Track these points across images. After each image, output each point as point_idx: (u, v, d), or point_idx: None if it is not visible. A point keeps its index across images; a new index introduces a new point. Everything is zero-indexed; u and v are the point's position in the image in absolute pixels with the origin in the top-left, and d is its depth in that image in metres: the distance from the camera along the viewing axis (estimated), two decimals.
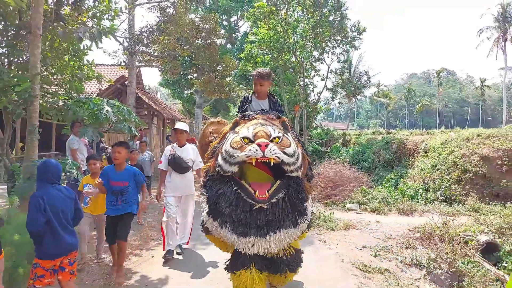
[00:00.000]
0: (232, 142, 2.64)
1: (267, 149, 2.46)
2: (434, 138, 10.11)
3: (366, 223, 6.77)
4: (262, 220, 2.58)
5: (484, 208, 7.11)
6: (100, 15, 6.58)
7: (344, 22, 12.63)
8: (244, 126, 2.83)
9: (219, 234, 2.80)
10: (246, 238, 2.63)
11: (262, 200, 2.49)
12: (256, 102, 3.40)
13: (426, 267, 4.68)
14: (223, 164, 2.63)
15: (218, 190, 2.68)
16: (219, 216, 2.72)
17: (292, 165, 2.59)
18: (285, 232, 2.65)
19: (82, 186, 4.29)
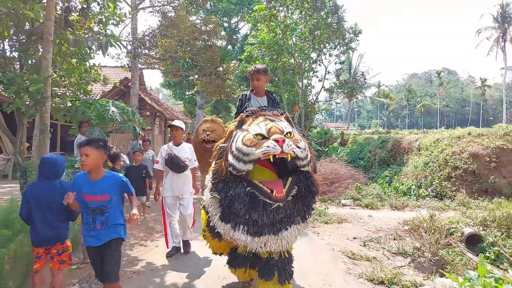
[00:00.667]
0: (245, 140, 2.57)
1: (285, 144, 2.43)
2: (427, 137, 10.45)
3: (359, 217, 7.11)
4: (276, 218, 2.58)
5: (472, 203, 7.44)
6: (106, 21, 6.97)
7: (341, 25, 12.97)
8: (252, 123, 2.77)
9: (232, 237, 2.72)
10: (260, 238, 2.60)
11: (280, 199, 2.47)
12: (255, 99, 3.36)
13: (411, 255, 5.03)
14: (235, 163, 2.55)
15: (231, 192, 2.60)
16: (232, 219, 2.65)
17: (304, 160, 2.59)
18: (295, 227, 2.66)
19: None
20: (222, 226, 2.73)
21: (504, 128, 9.03)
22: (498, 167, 8.17)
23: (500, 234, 6.15)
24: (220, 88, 15.64)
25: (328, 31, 12.73)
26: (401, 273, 4.27)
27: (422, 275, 4.53)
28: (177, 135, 4.70)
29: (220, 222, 2.73)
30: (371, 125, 75.48)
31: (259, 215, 2.54)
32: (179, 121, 4.89)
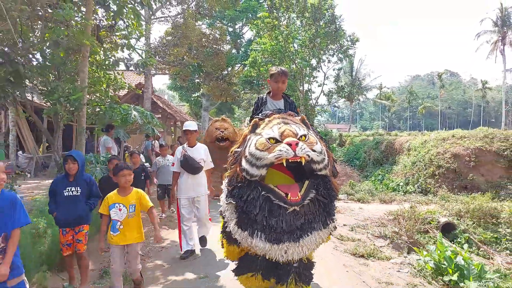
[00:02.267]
0: (258, 144, 2.52)
1: (298, 148, 2.35)
2: (416, 139, 11.39)
3: (351, 209, 8.07)
4: (295, 224, 2.46)
5: (451, 197, 8.38)
6: (129, 35, 7.98)
7: (339, 34, 13.94)
8: (266, 126, 2.71)
9: (250, 244, 2.59)
10: (279, 245, 2.47)
11: (295, 202, 2.40)
12: (272, 102, 3.30)
13: (390, 238, 5.97)
14: (249, 168, 2.50)
15: (246, 197, 2.53)
16: (249, 225, 2.56)
17: (321, 163, 2.49)
18: (316, 234, 2.52)
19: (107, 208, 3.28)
20: (239, 233, 2.64)
21: (484, 131, 9.94)
22: (476, 166, 9.10)
23: (471, 223, 7.11)
24: (226, 92, 16.60)
25: (326, 40, 13.70)
26: (378, 250, 5.24)
27: (397, 252, 5.48)
28: (192, 138, 4.70)
29: (237, 228, 2.65)
30: (373, 127, 76.14)
31: (277, 221, 2.43)
32: (191, 123, 4.88)
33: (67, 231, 3.48)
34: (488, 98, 76.68)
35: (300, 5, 14.16)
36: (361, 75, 38.07)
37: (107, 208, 3.25)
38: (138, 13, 7.06)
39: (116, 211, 3.22)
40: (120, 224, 3.22)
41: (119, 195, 3.29)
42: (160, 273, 4.18)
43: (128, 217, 3.24)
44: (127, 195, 3.29)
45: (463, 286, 4.08)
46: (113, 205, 3.24)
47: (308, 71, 15.13)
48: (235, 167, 2.68)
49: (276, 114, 2.86)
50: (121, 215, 3.23)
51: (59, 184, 3.52)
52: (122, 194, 3.30)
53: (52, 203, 3.51)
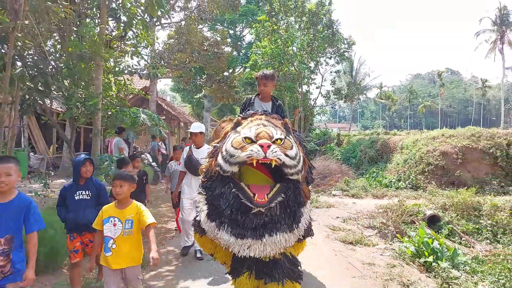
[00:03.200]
0: (233, 142, 2.61)
1: (269, 150, 2.42)
2: (409, 138, 11.97)
3: (345, 204, 8.67)
4: (259, 223, 2.55)
5: (439, 192, 8.96)
6: (138, 44, 8.62)
7: (336, 37, 14.55)
8: (246, 126, 2.79)
9: (216, 236, 2.72)
10: (242, 240, 2.58)
11: (261, 204, 2.47)
12: (259, 104, 3.41)
13: (378, 228, 6.57)
14: (223, 163, 2.58)
15: (217, 191, 2.64)
16: (217, 218, 2.68)
17: (293, 168, 2.54)
18: (280, 235, 2.60)
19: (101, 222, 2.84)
20: (208, 223, 2.75)
21: (472, 130, 10.51)
22: (463, 163, 9.68)
23: (455, 215, 7.69)
24: (227, 94, 17.22)
25: (324, 43, 14.31)
26: (366, 238, 5.85)
27: (383, 241, 6.08)
28: (197, 139, 4.68)
29: (206, 219, 2.77)
30: (374, 126, 76.60)
31: (242, 217, 2.54)
32: (197, 125, 4.86)
33: (75, 237, 3.33)
34: (489, 96, 76.96)
35: (298, 10, 14.77)
36: (361, 75, 38.67)
37: (101, 221, 2.80)
38: (147, 25, 7.68)
39: (110, 226, 2.76)
40: (113, 242, 2.74)
41: (116, 207, 2.85)
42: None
43: (123, 234, 2.75)
44: (124, 208, 2.83)
45: (436, 266, 4.68)
46: (108, 219, 2.78)
47: (306, 74, 15.73)
48: (212, 161, 2.80)
49: (260, 115, 2.95)
50: (115, 232, 2.75)
51: (70, 188, 3.39)
52: (119, 206, 2.85)
53: (62, 208, 3.38)
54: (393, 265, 4.60)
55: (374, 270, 4.47)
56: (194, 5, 14.47)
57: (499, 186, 9.35)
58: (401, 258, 4.97)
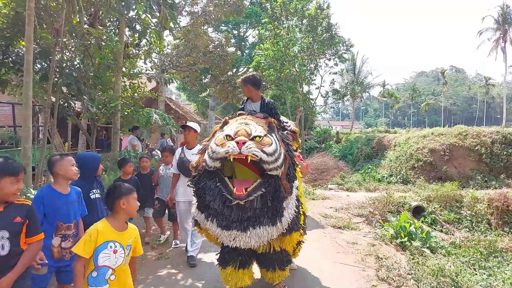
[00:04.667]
0: (217, 140, 2.79)
1: (244, 146, 2.56)
2: (402, 136, 12.76)
3: (339, 196, 9.49)
4: (242, 216, 2.70)
5: (426, 186, 9.76)
6: (151, 51, 9.50)
7: (334, 40, 15.33)
8: (230, 125, 2.97)
9: (205, 226, 2.93)
10: (228, 232, 2.74)
11: (238, 197, 2.61)
12: (250, 104, 3.62)
13: (366, 216, 7.39)
14: (207, 159, 2.77)
15: (203, 185, 2.81)
16: (205, 210, 2.86)
17: (271, 164, 2.64)
18: (263, 229, 2.74)
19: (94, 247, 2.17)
20: (199, 215, 2.95)
21: (459, 128, 11.29)
22: (450, 159, 10.47)
23: (438, 206, 8.49)
24: (231, 94, 18.06)
25: (323, 46, 15.10)
26: (353, 223, 6.68)
27: (369, 227, 6.90)
28: (189, 136, 4.48)
29: (196, 211, 2.98)
30: (377, 124, 76.97)
31: (227, 210, 2.71)
32: (193, 123, 4.71)
33: None
34: (494, 94, 77.00)
35: (298, 14, 15.57)
36: (364, 74, 39.30)
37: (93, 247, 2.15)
38: (160, 34, 8.54)
39: (109, 253, 2.19)
40: (112, 273, 2.20)
41: (114, 229, 2.25)
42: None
43: (125, 264, 2.28)
44: (125, 231, 2.31)
45: (409, 245, 5.49)
46: (106, 244, 2.18)
47: (307, 75, 16.53)
48: (201, 157, 2.98)
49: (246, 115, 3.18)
50: (115, 260, 2.21)
51: (84, 187, 3.10)
52: (119, 228, 2.28)
53: None
54: (373, 244, 5.43)
55: (356, 248, 5.30)
56: (200, 10, 15.26)
57: (483, 181, 10.13)
58: (381, 239, 5.80)
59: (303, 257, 3.73)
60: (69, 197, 2.69)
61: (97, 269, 2.16)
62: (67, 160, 2.69)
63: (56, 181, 2.68)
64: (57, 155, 2.82)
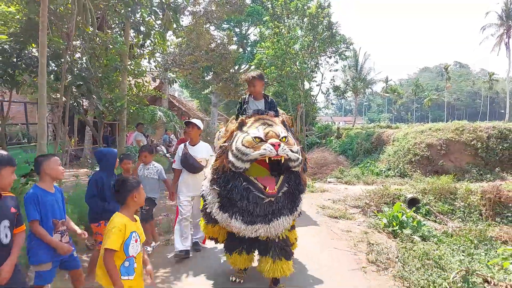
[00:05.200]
0: (244, 141, 2.90)
1: (280, 148, 2.75)
2: (400, 131, 13.03)
3: (337, 189, 9.82)
4: (268, 210, 2.95)
5: (422, 179, 10.05)
6: (154, 51, 9.85)
7: (335, 39, 15.60)
8: (251, 126, 3.09)
9: (228, 224, 3.08)
10: (253, 226, 2.98)
11: (272, 194, 2.85)
12: (253, 102, 3.68)
13: (362, 207, 7.72)
14: (235, 161, 2.88)
15: (230, 186, 2.93)
16: (230, 209, 3.01)
17: (296, 161, 2.91)
18: (283, 218, 3.03)
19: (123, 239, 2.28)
20: (220, 215, 3.11)
21: (456, 124, 11.55)
22: (447, 154, 10.75)
23: (433, 198, 8.79)
24: (234, 91, 18.39)
25: (323, 44, 15.37)
26: (349, 214, 7.01)
27: (364, 217, 7.23)
28: (193, 132, 4.51)
29: (218, 211, 3.12)
30: (380, 119, 76.92)
31: (254, 207, 2.90)
32: (197, 120, 4.72)
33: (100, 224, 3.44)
34: (498, 89, 76.65)
35: (299, 13, 15.83)
36: (366, 70, 39.40)
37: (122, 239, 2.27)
38: (164, 35, 8.87)
39: (133, 243, 2.33)
40: (135, 261, 2.35)
41: (131, 220, 2.39)
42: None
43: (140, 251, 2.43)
44: (136, 221, 2.47)
45: (400, 233, 5.82)
46: (131, 235, 2.31)
47: (308, 72, 16.82)
48: (222, 159, 3.07)
49: (259, 115, 3.32)
50: (137, 249, 2.38)
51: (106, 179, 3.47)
52: (133, 219, 2.44)
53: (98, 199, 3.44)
54: (366, 232, 5.78)
55: (350, 235, 5.65)
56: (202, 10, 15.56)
57: (478, 174, 10.41)
58: (374, 227, 6.13)
59: (300, 243, 4.05)
60: (55, 196, 2.74)
61: (128, 259, 2.30)
62: (53, 160, 2.71)
63: (43, 180, 2.70)
64: (44, 155, 2.85)
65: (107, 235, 2.25)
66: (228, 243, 3.56)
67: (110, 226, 2.28)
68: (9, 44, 5.54)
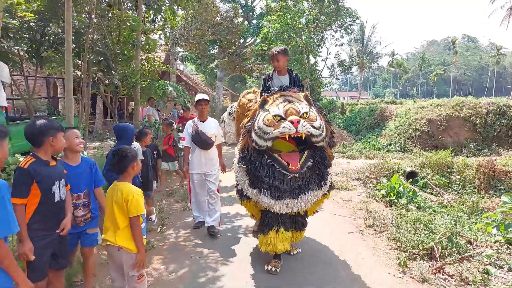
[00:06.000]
0: (265, 120, 2.90)
1: (299, 125, 2.73)
2: (402, 107, 13.37)
3: (340, 163, 10.31)
4: (293, 185, 2.99)
5: (422, 154, 10.52)
6: (164, 26, 10.08)
7: (341, 13, 15.60)
8: (273, 103, 3.07)
9: (258, 200, 3.17)
10: (281, 201, 3.03)
11: (295, 171, 2.86)
12: (277, 78, 3.64)
13: (363, 180, 8.23)
14: (257, 139, 2.92)
15: (256, 163, 3.01)
16: (258, 185, 3.09)
17: (319, 137, 2.87)
18: (312, 193, 3.06)
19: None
20: (250, 191, 3.23)
21: (457, 100, 11.85)
22: (446, 129, 11.14)
23: (430, 171, 9.28)
24: (239, 65, 18.58)
25: (329, 19, 15.40)
26: (351, 185, 7.54)
27: (365, 188, 7.76)
28: (206, 109, 4.58)
29: (249, 187, 3.24)
30: (385, 94, 76.45)
31: (280, 183, 2.95)
32: (203, 95, 4.75)
33: None
34: (506, 64, 75.42)
35: None
36: (372, 43, 38.93)
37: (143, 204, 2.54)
38: (174, 11, 9.08)
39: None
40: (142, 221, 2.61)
41: None
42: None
43: None
44: None
45: (397, 202, 6.35)
46: None
47: (313, 47, 16.92)
48: (246, 138, 3.16)
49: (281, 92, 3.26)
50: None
51: None
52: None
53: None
54: (365, 201, 6.31)
55: (351, 204, 6.20)
56: None
57: (475, 149, 10.84)
58: (373, 197, 6.67)
59: None
60: (77, 169, 2.81)
61: (144, 221, 2.58)
62: (72, 133, 2.80)
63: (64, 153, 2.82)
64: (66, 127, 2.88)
65: (131, 203, 2.41)
66: (263, 221, 3.56)
67: (130, 196, 2.43)
68: (34, 22, 5.87)
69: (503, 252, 4.10)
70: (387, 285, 3.44)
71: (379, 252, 4.24)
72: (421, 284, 3.44)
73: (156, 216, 3.01)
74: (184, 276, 3.57)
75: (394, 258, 4.02)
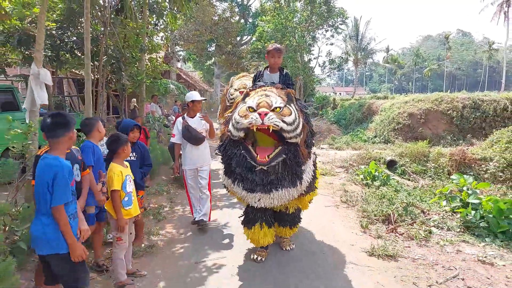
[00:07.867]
0: (240, 111, 2.98)
1: (266, 118, 2.75)
2: (387, 102, 14.34)
3: (328, 154, 11.29)
4: (265, 179, 2.97)
5: (402, 145, 11.50)
6: (166, 28, 10.97)
7: (331, 13, 16.53)
8: (252, 97, 3.08)
9: (232, 189, 3.26)
10: (253, 194, 3.05)
11: (262, 163, 2.85)
12: (268, 75, 3.66)
13: (346, 167, 9.20)
14: (232, 129, 2.99)
15: (230, 153, 3.07)
16: (232, 175, 3.15)
17: (290, 133, 2.85)
18: (285, 190, 3.04)
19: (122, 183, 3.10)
20: (226, 180, 3.31)
21: (436, 95, 12.83)
22: (426, 122, 12.12)
23: (409, 160, 10.25)
24: (236, 63, 19.49)
25: (320, 19, 16.33)
26: (335, 171, 8.51)
27: (347, 174, 8.73)
28: (199, 107, 4.76)
29: (224, 176, 3.31)
30: (381, 89, 77.35)
31: (251, 175, 2.98)
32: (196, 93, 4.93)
33: None
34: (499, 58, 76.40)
35: None
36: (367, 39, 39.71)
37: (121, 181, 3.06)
38: (175, 16, 9.98)
39: (129, 183, 3.14)
40: (132, 195, 3.17)
41: (123, 167, 3.15)
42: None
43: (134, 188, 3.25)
44: (127, 168, 3.23)
45: (371, 184, 7.32)
46: (126, 177, 3.11)
47: (306, 45, 17.85)
48: (225, 128, 3.22)
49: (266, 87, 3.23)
50: (131, 187, 3.19)
51: None
52: (123, 166, 3.18)
53: None
54: (344, 184, 7.28)
55: (332, 186, 7.18)
56: None
57: (452, 140, 11.82)
58: (352, 181, 7.64)
59: None
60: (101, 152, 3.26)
61: (127, 195, 3.10)
62: (101, 122, 3.40)
63: (94, 137, 3.28)
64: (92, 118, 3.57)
65: (110, 180, 3.01)
66: (246, 216, 3.70)
67: (111, 173, 3.03)
68: (55, 30, 6.77)
69: (446, 218, 5.08)
70: (351, 240, 4.42)
71: (348, 219, 5.23)
72: (376, 239, 4.42)
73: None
74: (191, 236, 4.55)
75: (359, 223, 5.00)
